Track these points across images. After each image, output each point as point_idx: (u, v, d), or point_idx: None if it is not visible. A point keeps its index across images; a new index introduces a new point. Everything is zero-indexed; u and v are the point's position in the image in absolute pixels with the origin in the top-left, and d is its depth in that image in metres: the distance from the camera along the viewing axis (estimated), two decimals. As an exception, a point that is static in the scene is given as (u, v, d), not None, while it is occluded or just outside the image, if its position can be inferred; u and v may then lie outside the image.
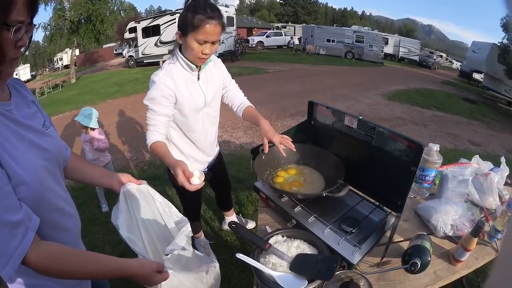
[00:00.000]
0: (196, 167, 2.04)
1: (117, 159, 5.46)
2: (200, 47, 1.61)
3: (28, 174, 0.87)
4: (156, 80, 1.69)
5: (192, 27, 1.55)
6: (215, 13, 1.57)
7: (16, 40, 0.81)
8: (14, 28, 0.78)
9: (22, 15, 0.79)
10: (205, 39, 1.59)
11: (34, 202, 0.89)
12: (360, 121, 1.49)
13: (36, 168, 0.91)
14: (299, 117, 7.35)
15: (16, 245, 0.79)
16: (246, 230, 1.36)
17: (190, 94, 1.78)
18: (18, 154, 0.86)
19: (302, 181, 1.69)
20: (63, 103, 11.17)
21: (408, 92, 12.99)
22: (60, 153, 1.09)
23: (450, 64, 43.06)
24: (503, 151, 7.29)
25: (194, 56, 1.66)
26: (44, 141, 0.99)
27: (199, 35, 1.57)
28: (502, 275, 0.33)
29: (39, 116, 1.05)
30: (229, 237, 2.98)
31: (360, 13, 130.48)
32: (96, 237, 3.16)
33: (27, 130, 0.94)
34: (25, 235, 0.81)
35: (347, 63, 22.25)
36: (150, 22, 19.14)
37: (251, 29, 42.42)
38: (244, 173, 4.25)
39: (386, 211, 1.55)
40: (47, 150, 0.99)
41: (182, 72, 1.75)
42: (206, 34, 1.57)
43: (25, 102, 1.01)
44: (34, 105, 1.06)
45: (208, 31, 1.56)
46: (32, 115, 1.01)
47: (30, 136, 0.94)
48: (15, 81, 1.02)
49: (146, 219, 1.32)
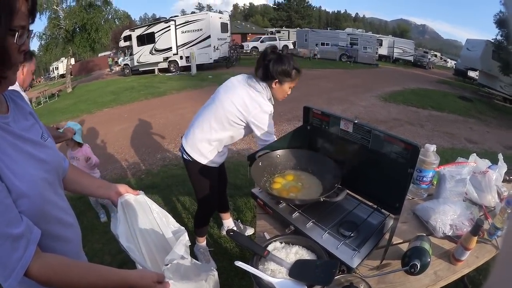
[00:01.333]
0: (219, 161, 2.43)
1: (115, 168, 5.44)
2: (289, 90, 2.20)
3: (28, 186, 0.87)
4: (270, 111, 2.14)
5: (290, 78, 2.11)
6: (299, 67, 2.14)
7: (20, 45, 0.82)
8: (19, 33, 0.79)
9: (24, 20, 0.81)
10: (294, 85, 2.19)
11: (35, 214, 0.89)
12: (355, 125, 1.49)
13: (36, 180, 0.91)
14: (295, 122, 7.36)
15: (18, 258, 0.79)
16: (244, 238, 1.35)
17: None
18: (17, 167, 0.86)
19: (300, 187, 1.69)
20: (60, 113, 11.15)
21: (404, 92, 13.06)
22: (59, 164, 1.09)
23: (445, 63, 43.37)
24: (500, 147, 7.34)
25: (283, 95, 2.22)
26: (43, 153, 0.98)
27: (292, 83, 2.16)
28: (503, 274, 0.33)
29: (36, 128, 1.04)
30: (228, 244, 2.97)
31: (353, 16, 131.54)
32: (95, 246, 3.14)
33: (26, 143, 0.93)
34: (26, 248, 0.81)
35: (342, 66, 22.29)
36: (144, 30, 19.21)
37: (245, 34, 42.54)
38: (242, 180, 4.25)
39: (384, 213, 1.54)
40: (46, 162, 0.99)
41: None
42: (295, 83, 2.17)
43: (22, 114, 1.01)
44: (32, 117, 1.05)
45: (296, 81, 2.18)
46: (30, 127, 1.01)
47: (29, 148, 0.93)
48: (13, 93, 1.02)
49: (144, 229, 1.32)
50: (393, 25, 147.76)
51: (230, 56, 19.91)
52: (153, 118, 8.54)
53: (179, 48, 18.39)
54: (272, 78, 2.08)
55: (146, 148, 6.27)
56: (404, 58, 30.85)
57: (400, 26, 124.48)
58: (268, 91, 2.14)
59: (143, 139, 6.89)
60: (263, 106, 2.09)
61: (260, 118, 2.09)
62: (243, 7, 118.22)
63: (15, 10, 0.77)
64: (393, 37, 37.61)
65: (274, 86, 2.12)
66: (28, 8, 0.81)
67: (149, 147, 6.30)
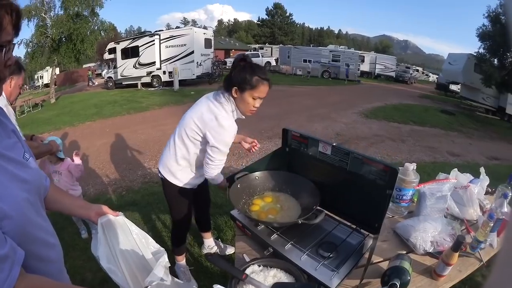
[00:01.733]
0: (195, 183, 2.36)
1: (95, 184, 5.35)
2: (253, 101, 1.96)
3: (11, 207, 0.84)
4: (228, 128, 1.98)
5: (250, 86, 1.89)
6: (267, 75, 1.93)
7: (6, 60, 0.83)
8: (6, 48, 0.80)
9: (9, 35, 0.82)
10: (259, 96, 1.94)
11: (18, 235, 0.87)
12: (334, 147, 1.50)
13: (19, 201, 0.89)
14: (276, 140, 7.37)
15: (3, 279, 0.77)
16: (222, 261, 1.35)
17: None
18: (0, 187, 0.84)
19: (278, 209, 1.69)
20: (43, 123, 11.00)
21: (385, 108, 13.27)
22: (40, 184, 1.07)
23: (427, 78, 44.30)
24: (483, 158, 7.47)
25: (247, 108, 2.00)
26: (25, 173, 0.96)
27: (255, 93, 1.91)
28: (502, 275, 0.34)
29: (19, 146, 1.02)
30: (209, 263, 2.93)
31: (336, 32, 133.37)
32: (77, 263, 3.08)
33: (8, 162, 0.91)
34: (11, 269, 0.79)
35: (324, 82, 22.55)
36: (129, 43, 19.14)
37: (228, 50, 42.86)
38: (222, 198, 4.20)
39: (364, 233, 1.55)
40: (28, 182, 0.97)
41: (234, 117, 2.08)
42: (260, 92, 1.93)
43: (5, 132, 0.98)
44: (14, 135, 1.03)
45: (262, 90, 1.93)
46: (12, 146, 0.98)
47: (11, 168, 0.91)
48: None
49: (124, 250, 1.32)
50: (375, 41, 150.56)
51: (213, 72, 19.95)
52: (135, 133, 8.47)
53: (162, 63, 18.38)
54: (232, 86, 1.93)
55: (127, 164, 6.21)
56: (386, 74, 31.42)
57: (382, 42, 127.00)
58: (232, 102, 2.00)
59: (124, 154, 6.83)
60: (220, 119, 1.94)
61: (215, 132, 1.95)
62: (227, 23, 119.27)
63: (2, 27, 0.78)
64: (375, 53, 38.35)
65: (235, 95, 1.95)
66: (12, 22, 0.82)
67: (130, 163, 6.24)
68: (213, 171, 2.06)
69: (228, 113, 2.00)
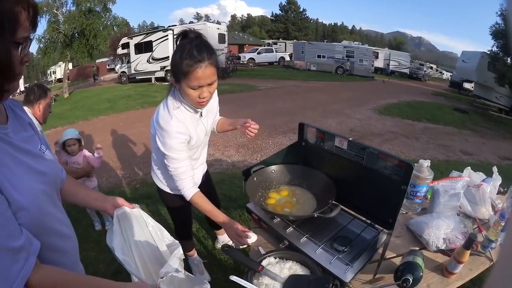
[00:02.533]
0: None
1: (110, 177, 5.42)
2: (196, 92, 1.52)
3: (27, 199, 0.87)
4: (168, 129, 1.61)
5: (182, 74, 1.46)
6: (203, 54, 1.45)
7: (23, 56, 0.83)
8: (23, 45, 0.80)
9: (26, 31, 0.81)
10: (198, 84, 1.49)
11: (34, 226, 0.89)
12: (350, 142, 1.51)
13: (35, 193, 0.91)
14: (290, 135, 7.36)
15: (18, 270, 0.79)
16: (239, 253, 1.37)
17: (196, 131, 1.78)
18: (17, 179, 0.86)
19: (294, 202, 1.71)
20: (56, 118, 11.05)
21: (399, 105, 13.10)
22: (57, 176, 1.09)
23: (441, 75, 43.59)
24: (496, 158, 7.34)
25: (193, 101, 1.59)
26: (41, 165, 0.98)
27: (191, 81, 1.47)
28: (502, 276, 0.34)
29: (35, 139, 1.04)
30: (222, 256, 2.96)
31: (350, 28, 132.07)
32: (90, 254, 3.12)
33: (25, 154, 0.93)
34: (27, 260, 0.81)
35: (338, 78, 22.37)
36: (142, 38, 19.17)
37: (242, 45, 42.72)
38: (237, 192, 4.22)
39: (378, 228, 1.56)
40: (45, 174, 0.99)
41: (187, 114, 1.71)
42: (198, 79, 1.47)
43: (22, 125, 1.01)
44: (31, 127, 1.05)
45: (200, 76, 1.46)
46: (29, 139, 1.00)
47: (28, 160, 0.93)
48: (12, 103, 1.02)
49: (139, 242, 1.34)
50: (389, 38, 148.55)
51: (227, 67, 19.85)
52: (149, 127, 8.43)
53: (176, 58, 18.29)
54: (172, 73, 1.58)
55: (141, 157, 6.24)
56: (400, 70, 31.01)
57: (396, 39, 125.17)
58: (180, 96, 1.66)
59: (138, 148, 6.87)
60: (160, 121, 1.64)
61: (160, 136, 1.67)
62: (241, 18, 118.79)
63: (19, 23, 0.78)
64: (389, 49, 37.87)
65: (177, 86, 1.60)
66: (29, 18, 0.82)
67: (144, 156, 6.27)
68: (177, 183, 1.73)
69: (171, 112, 1.64)
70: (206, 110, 1.85)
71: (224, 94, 13.56)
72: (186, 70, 1.43)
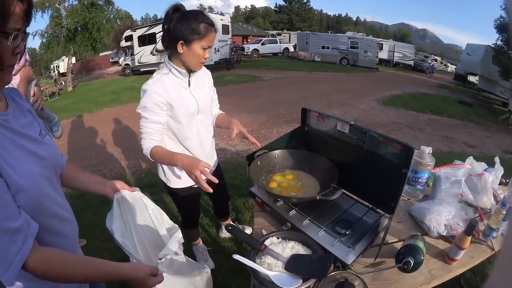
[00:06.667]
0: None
1: (115, 167, 5.46)
2: (203, 52, 1.73)
3: (26, 181, 0.89)
4: (147, 88, 1.74)
5: (198, 35, 1.66)
6: (212, 21, 1.73)
7: (14, 47, 0.83)
8: (13, 36, 0.81)
9: (18, 23, 0.82)
10: (208, 44, 1.72)
11: (33, 208, 0.91)
12: (352, 126, 1.52)
13: (34, 175, 0.94)
14: (294, 124, 7.28)
15: (16, 251, 0.82)
16: (242, 232, 1.41)
17: (182, 99, 1.83)
18: (16, 162, 0.88)
19: (297, 186, 1.73)
20: (60, 111, 11.08)
21: (403, 97, 13.04)
22: (56, 160, 1.11)
23: (445, 68, 43.24)
24: (499, 151, 7.35)
25: (197, 61, 1.77)
26: (41, 150, 1.01)
27: (204, 41, 1.69)
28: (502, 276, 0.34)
29: (35, 125, 1.07)
30: (226, 243, 2.99)
31: (354, 19, 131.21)
32: (95, 243, 3.17)
33: (24, 139, 0.96)
34: (24, 242, 0.84)
35: (342, 69, 22.27)
36: (146, 30, 19.15)
37: (246, 36, 42.55)
38: (241, 180, 4.26)
39: (379, 213, 1.58)
40: (44, 158, 1.01)
41: (174, 80, 1.81)
42: (210, 40, 1.72)
43: (21, 112, 1.03)
44: (30, 114, 1.08)
45: (212, 37, 1.72)
46: (28, 124, 1.03)
47: (28, 145, 0.96)
48: (12, 91, 1.05)
49: (138, 225, 1.36)
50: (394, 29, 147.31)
51: (231, 58, 19.85)
52: (154, 118, 8.46)
53: (180, 49, 18.24)
54: (176, 41, 1.69)
55: (146, 147, 6.24)
56: (404, 62, 30.79)
57: (401, 30, 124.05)
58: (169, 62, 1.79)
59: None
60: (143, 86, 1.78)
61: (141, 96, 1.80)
62: (244, 9, 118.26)
63: (8, 13, 0.79)
64: (393, 41, 37.57)
65: (181, 50, 1.71)
66: (23, 10, 0.83)
67: (149, 147, 6.27)
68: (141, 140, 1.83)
69: (156, 76, 1.80)
70: (195, 83, 1.93)
71: (229, 84, 13.55)
72: (204, 32, 1.67)
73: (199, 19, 1.66)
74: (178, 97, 1.81)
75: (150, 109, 1.75)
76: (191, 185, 2.13)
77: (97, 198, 3.77)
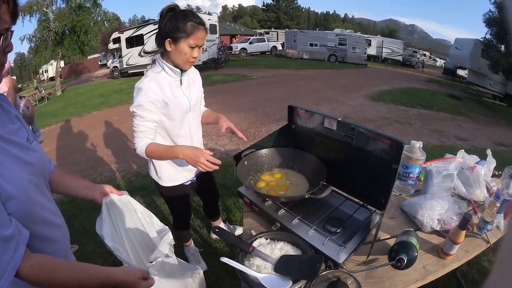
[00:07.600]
0: (184, 176, 2.15)
1: (104, 171, 5.41)
2: (191, 51, 1.74)
3: (15, 189, 0.88)
4: (142, 87, 1.74)
5: (185, 33, 1.67)
6: (202, 20, 1.74)
7: (5, 46, 0.85)
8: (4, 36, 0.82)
9: (7, 22, 0.83)
10: (196, 43, 1.72)
11: (23, 216, 0.90)
12: (339, 122, 1.50)
13: (23, 182, 0.92)
14: (283, 122, 7.26)
15: (9, 259, 0.81)
16: (229, 234, 1.39)
17: (175, 97, 1.84)
18: (5, 169, 0.87)
19: (285, 184, 1.70)
20: (50, 116, 11.07)
21: (392, 92, 13.12)
22: (44, 166, 1.10)
23: (434, 62, 43.68)
24: (490, 143, 7.39)
25: (185, 60, 1.77)
26: (29, 156, 1.00)
27: (191, 40, 1.70)
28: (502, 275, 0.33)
29: (22, 131, 1.05)
30: (218, 244, 2.96)
31: (342, 16, 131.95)
32: (87, 249, 3.14)
33: (12, 146, 0.95)
34: (16, 249, 0.83)
35: (330, 66, 22.34)
36: (133, 32, 19.05)
37: (234, 36, 42.57)
38: (231, 180, 4.24)
39: (371, 209, 1.55)
40: (32, 164, 1.00)
41: (167, 79, 1.82)
42: (197, 39, 1.72)
43: (9, 118, 1.02)
44: (18, 120, 1.07)
45: (199, 36, 1.72)
46: (16, 131, 1.02)
47: (15, 151, 0.95)
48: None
49: (128, 229, 1.36)
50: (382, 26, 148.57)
51: (219, 58, 19.87)
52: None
53: (168, 50, 18.25)
54: (165, 38, 1.72)
55: (135, 151, 6.20)
56: (393, 58, 31.06)
57: (389, 26, 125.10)
58: (161, 61, 1.80)
59: (132, 142, 6.83)
60: (137, 84, 1.78)
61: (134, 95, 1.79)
62: (232, 9, 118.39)
63: None
64: (382, 37, 37.87)
65: (169, 48, 1.73)
66: (9, 10, 0.83)
67: (138, 149, 6.25)
68: (135, 139, 1.83)
69: (149, 74, 1.80)
70: (187, 81, 1.96)
71: (217, 84, 13.56)
72: (191, 30, 1.67)
73: (188, 17, 1.67)
74: (172, 96, 1.83)
75: (146, 108, 1.75)
76: (183, 183, 2.16)
77: (88, 203, 3.72)
